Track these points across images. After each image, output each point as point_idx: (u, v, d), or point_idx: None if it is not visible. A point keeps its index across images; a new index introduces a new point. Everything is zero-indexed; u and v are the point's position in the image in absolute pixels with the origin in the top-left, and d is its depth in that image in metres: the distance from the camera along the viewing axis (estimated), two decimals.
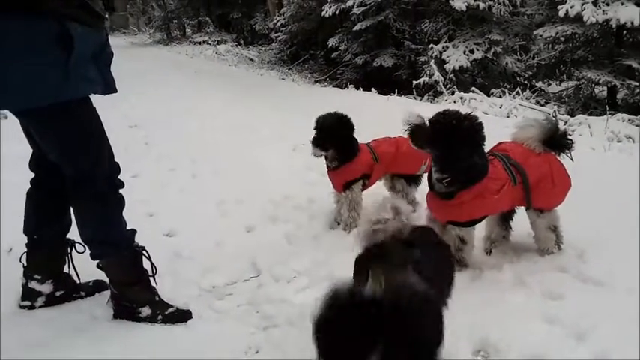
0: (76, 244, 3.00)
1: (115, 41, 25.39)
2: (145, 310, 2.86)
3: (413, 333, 1.48)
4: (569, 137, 3.32)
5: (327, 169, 4.08)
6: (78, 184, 2.67)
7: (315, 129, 3.88)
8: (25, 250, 2.93)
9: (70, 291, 3.06)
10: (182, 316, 2.92)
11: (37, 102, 2.38)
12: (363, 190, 4.05)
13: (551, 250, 3.33)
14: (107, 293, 2.95)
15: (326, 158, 4.00)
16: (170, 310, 2.91)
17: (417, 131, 3.01)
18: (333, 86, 14.92)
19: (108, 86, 2.64)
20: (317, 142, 3.85)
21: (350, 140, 3.95)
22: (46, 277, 2.96)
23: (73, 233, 2.94)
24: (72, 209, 2.82)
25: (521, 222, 3.48)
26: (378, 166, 4.03)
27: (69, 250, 3.02)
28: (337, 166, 3.96)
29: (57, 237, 2.97)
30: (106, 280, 2.93)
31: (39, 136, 2.60)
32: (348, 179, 3.95)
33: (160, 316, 2.87)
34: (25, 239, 2.93)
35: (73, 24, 2.35)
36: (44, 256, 2.94)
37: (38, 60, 2.30)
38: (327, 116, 3.92)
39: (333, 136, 3.85)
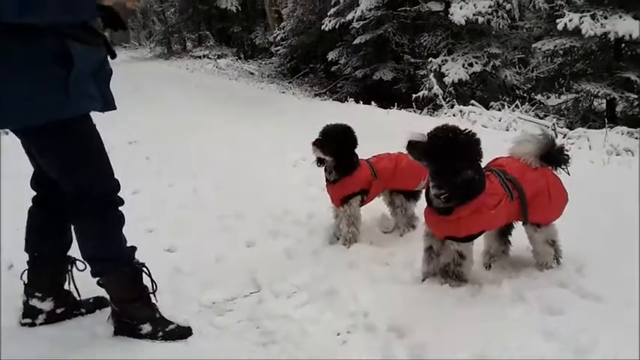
0: (77, 262, 3.00)
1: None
2: (146, 327, 2.86)
3: None
4: (566, 152, 3.34)
5: (325, 183, 4.08)
6: (77, 201, 2.68)
7: (319, 133, 3.89)
8: (26, 267, 2.94)
9: (70, 308, 3.06)
10: (183, 332, 2.92)
11: (36, 120, 2.39)
12: (361, 205, 4.06)
13: (550, 264, 3.33)
14: (108, 310, 2.95)
15: (325, 170, 4.01)
16: (171, 327, 2.91)
17: (416, 145, 3.03)
18: (333, 100, 14.98)
19: (107, 103, 2.65)
20: (318, 143, 3.84)
21: (351, 153, 3.96)
22: (47, 295, 2.96)
23: (74, 251, 2.94)
24: (73, 226, 2.83)
25: (521, 237, 3.49)
26: (377, 182, 4.04)
27: (70, 268, 3.02)
28: (336, 179, 3.96)
29: (58, 254, 2.98)
30: (107, 296, 2.93)
31: (38, 153, 2.62)
32: (345, 193, 3.96)
33: (160, 333, 2.87)
34: (26, 256, 2.94)
35: (73, 42, 2.38)
36: (45, 273, 2.94)
37: (37, 77, 2.32)
38: (333, 125, 3.95)
39: (336, 143, 3.85)
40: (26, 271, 2.94)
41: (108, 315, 2.94)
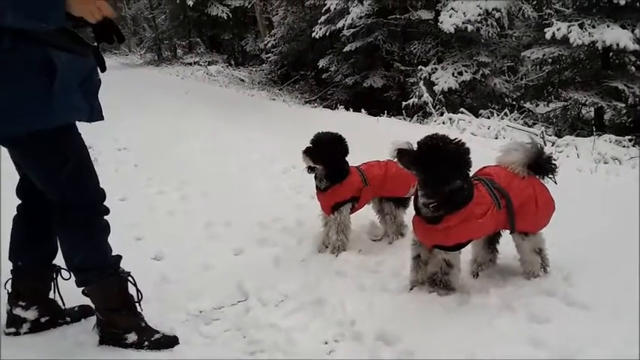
0: (62, 271, 2.98)
1: (106, 62, 25.46)
2: (131, 337, 2.84)
3: None
4: (553, 161, 3.36)
5: (316, 191, 4.08)
6: (62, 210, 2.66)
7: (310, 142, 3.89)
8: (10, 276, 2.91)
9: (55, 317, 3.03)
10: (169, 342, 2.90)
11: (17, 129, 2.38)
12: (351, 212, 4.06)
13: (537, 273, 3.34)
14: (93, 319, 2.93)
15: (315, 178, 4.02)
16: (157, 336, 2.89)
17: (405, 153, 3.04)
18: (324, 107, 14.96)
19: (94, 113, 2.64)
20: (309, 152, 3.84)
21: (341, 161, 3.97)
22: (31, 304, 2.93)
23: (59, 259, 2.92)
24: (58, 235, 2.80)
25: (508, 245, 3.49)
26: (368, 189, 4.05)
27: (54, 277, 3.00)
28: (326, 187, 3.96)
29: (42, 263, 2.96)
30: (92, 305, 2.91)
31: (24, 163, 2.61)
32: (336, 200, 3.96)
33: (146, 342, 2.85)
34: (10, 265, 2.92)
35: (57, 51, 2.37)
36: (29, 282, 2.92)
37: (20, 87, 2.31)
38: (324, 133, 3.96)
39: (326, 151, 3.86)
40: (10, 280, 2.91)
41: (93, 324, 2.92)
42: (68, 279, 2.93)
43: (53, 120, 2.44)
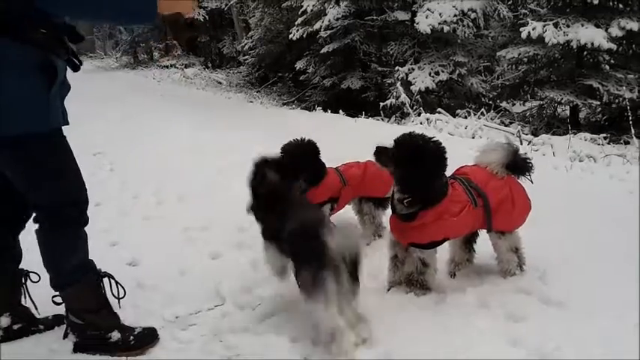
0: (30, 274, 2.96)
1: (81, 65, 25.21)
2: (115, 335, 2.83)
3: None
4: (529, 160, 3.38)
5: None
6: (54, 212, 2.66)
7: (281, 150, 3.86)
8: None
9: (28, 324, 2.99)
10: (152, 333, 2.92)
11: (15, 130, 2.38)
12: (332, 214, 4.04)
13: (513, 271, 3.36)
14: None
15: None
16: (138, 330, 2.90)
17: (382, 151, 3.05)
18: (301, 108, 14.98)
19: (64, 118, 2.65)
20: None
21: (315, 165, 3.94)
22: (3, 311, 2.89)
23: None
24: (39, 239, 2.74)
25: (485, 245, 3.50)
26: (346, 189, 4.03)
27: (24, 281, 2.97)
28: (304, 190, 3.90)
29: (9, 271, 2.91)
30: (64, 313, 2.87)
31: (15, 166, 2.55)
32: (314, 202, 3.91)
33: (131, 337, 2.85)
34: None
35: (54, 56, 2.42)
36: (0, 291, 2.87)
37: (20, 89, 2.33)
38: (291, 143, 3.92)
39: (297, 160, 3.78)
40: None
41: (63, 332, 2.90)
42: (37, 281, 2.92)
43: (52, 122, 2.49)
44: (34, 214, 2.72)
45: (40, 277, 2.86)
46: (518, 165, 3.33)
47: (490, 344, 2.70)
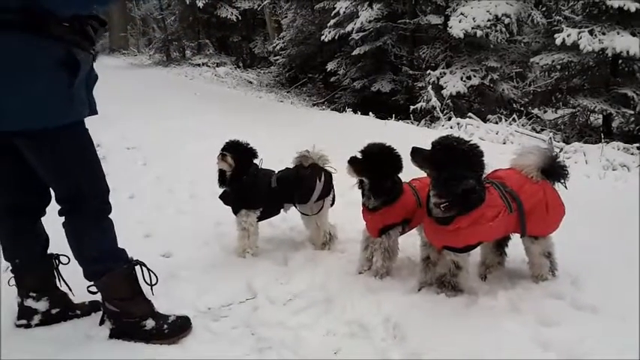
0: (60, 257, 3.04)
1: (114, 62, 25.56)
2: (149, 322, 2.89)
3: None
4: (565, 166, 3.37)
5: (362, 208, 3.66)
6: (77, 202, 2.72)
7: (359, 151, 3.49)
8: (12, 275, 2.95)
9: (65, 309, 3.07)
10: (185, 322, 2.99)
11: (43, 123, 2.44)
12: (400, 234, 3.65)
13: (545, 276, 3.35)
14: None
15: (363, 195, 3.60)
16: (171, 318, 2.96)
17: (418, 151, 3.06)
18: (331, 110, 15.00)
19: (91, 109, 2.70)
20: (354, 162, 3.43)
21: (392, 177, 3.52)
22: (41, 295, 2.98)
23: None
24: (67, 232, 2.81)
25: (517, 248, 3.50)
26: (422, 210, 3.46)
27: (56, 265, 3.04)
28: (375, 207, 3.53)
29: (38, 255, 2.99)
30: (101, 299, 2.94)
31: (38, 157, 2.61)
32: (386, 223, 3.54)
33: (165, 326, 2.91)
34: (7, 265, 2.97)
35: (77, 49, 2.45)
36: (32, 276, 2.96)
37: (44, 83, 2.37)
38: (375, 143, 3.53)
39: (375, 164, 3.43)
40: (13, 278, 2.95)
41: (100, 319, 2.96)
42: (67, 263, 2.99)
43: (74, 115, 2.54)
44: (59, 208, 2.78)
45: (69, 259, 2.93)
46: (554, 170, 3.32)
47: (520, 347, 2.70)
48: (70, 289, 3.10)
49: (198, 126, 9.47)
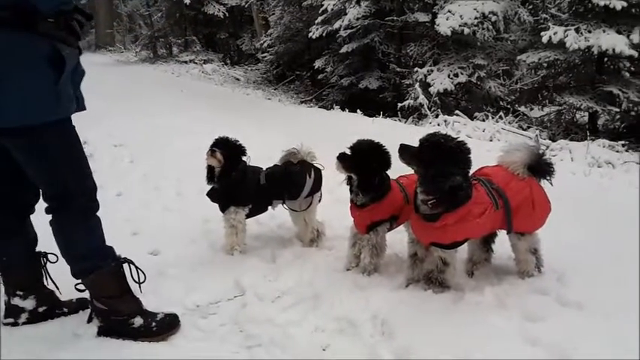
0: (48, 255, 3.03)
1: (101, 59, 25.38)
2: (137, 320, 2.88)
3: None
4: (551, 164, 3.40)
5: (350, 204, 3.67)
6: (64, 200, 2.70)
7: (349, 148, 3.49)
8: None
9: (53, 307, 3.06)
10: (173, 319, 2.98)
11: (30, 120, 2.42)
12: (388, 231, 3.69)
13: (531, 272, 3.38)
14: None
15: (351, 191, 3.61)
16: (159, 316, 2.95)
17: (406, 148, 3.07)
18: (319, 107, 14.99)
19: (78, 104, 2.68)
20: (342, 158, 3.45)
21: (381, 174, 3.53)
22: (29, 293, 2.96)
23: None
24: (54, 230, 2.79)
25: (503, 245, 3.52)
26: (409, 207, 3.43)
27: (43, 263, 3.03)
28: (363, 203, 3.54)
29: (26, 253, 2.97)
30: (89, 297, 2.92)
31: (25, 155, 2.60)
32: (374, 220, 3.55)
33: (153, 324, 2.90)
34: None
35: (62, 45, 2.43)
36: (19, 274, 2.95)
37: (30, 79, 2.35)
38: (364, 140, 3.53)
39: (364, 160, 3.43)
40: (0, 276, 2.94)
41: (87, 317, 2.96)
42: (56, 262, 2.98)
43: (61, 112, 2.52)
44: (45, 205, 2.77)
45: (57, 258, 2.93)
46: (541, 167, 3.35)
47: (507, 343, 2.72)
48: (57, 287, 3.09)
49: (185, 123, 9.45)
